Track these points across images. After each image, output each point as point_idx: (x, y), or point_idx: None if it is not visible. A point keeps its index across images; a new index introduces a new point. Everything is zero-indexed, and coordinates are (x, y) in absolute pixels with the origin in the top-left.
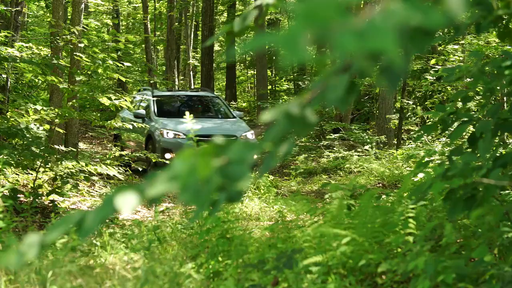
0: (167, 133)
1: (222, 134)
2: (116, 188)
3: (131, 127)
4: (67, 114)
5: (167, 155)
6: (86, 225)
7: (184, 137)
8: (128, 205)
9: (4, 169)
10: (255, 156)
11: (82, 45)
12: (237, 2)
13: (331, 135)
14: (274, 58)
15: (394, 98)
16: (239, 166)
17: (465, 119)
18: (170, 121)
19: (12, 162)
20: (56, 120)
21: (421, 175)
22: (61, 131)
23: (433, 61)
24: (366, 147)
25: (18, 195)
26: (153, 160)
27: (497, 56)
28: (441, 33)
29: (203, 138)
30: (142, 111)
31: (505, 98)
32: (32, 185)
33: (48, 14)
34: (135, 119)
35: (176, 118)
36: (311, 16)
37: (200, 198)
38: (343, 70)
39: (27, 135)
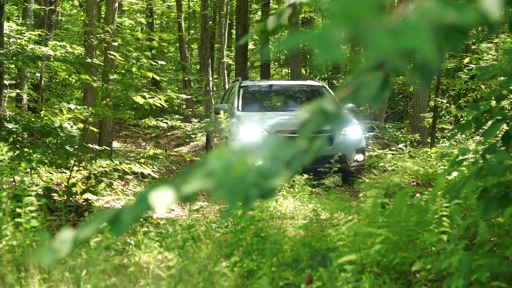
0: (245, 129)
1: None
2: (151, 185)
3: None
4: (101, 113)
5: None
6: (120, 222)
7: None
8: (163, 202)
9: (38, 168)
10: (291, 153)
11: (116, 43)
12: (271, 1)
13: (366, 134)
14: (308, 56)
15: (428, 96)
16: (274, 163)
17: (499, 117)
18: (254, 116)
19: (46, 161)
20: (90, 119)
21: (455, 173)
22: (95, 129)
23: (466, 60)
24: (400, 145)
25: (52, 194)
26: None
27: None
28: (474, 32)
29: (292, 135)
30: (223, 106)
31: None
32: (66, 184)
33: (81, 13)
34: (216, 115)
35: (267, 112)
36: (345, 14)
37: (235, 196)
38: (377, 68)
39: (61, 134)
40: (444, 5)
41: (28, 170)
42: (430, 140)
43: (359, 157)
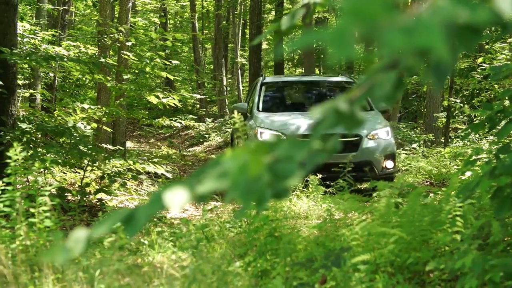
0: (262, 133)
1: (342, 133)
2: (165, 185)
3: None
4: (114, 113)
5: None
6: (134, 222)
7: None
8: (177, 201)
9: (52, 168)
10: (305, 153)
11: (129, 43)
12: (285, 1)
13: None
14: (322, 56)
15: (441, 96)
16: (287, 163)
17: None
18: (276, 117)
19: (60, 160)
20: (104, 119)
21: (468, 173)
22: (108, 129)
23: (480, 60)
24: (414, 145)
25: (66, 194)
26: None
27: None
28: (488, 32)
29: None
30: (242, 104)
31: None
32: (80, 184)
33: (95, 13)
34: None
35: (291, 112)
36: (358, 13)
37: (249, 196)
38: (391, 67)
39: (75, 134)
40: (457, 4)
41: (42, 170)
42: (443, 140)
43: (389, 164)
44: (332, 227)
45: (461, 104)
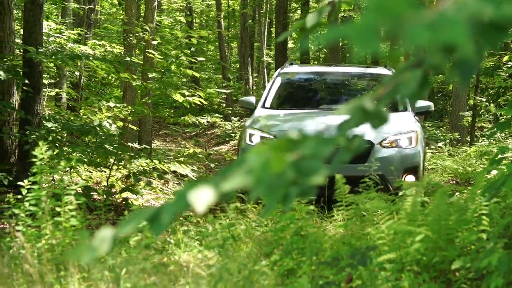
0: (251, 135)
1: None
2: (190, 183)
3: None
4: (140, 111)
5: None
6: (159, 221)
7: None
8: (202, 200)
9: (78, 167)
10: (330, 151)
11: (155, 42)
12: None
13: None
14: (348, 55)
15: (467, 95)
16: (312, 161)
17: None
18: (281, 115)
19: (85, 159)
20: (130, 118)
21: (494, 172)
22: (134, 128)
23: (506, 58)
24: (440, 144)
25: (92, 193)
26: None
27: None
28: None
29: None
30: (250, 99)
31: None
32: (106, 183)
33: (120, 12)
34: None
35: (310, 110)
36: (383, 9)
37: (274, 193)
38: (416, 65)
39: (100, 133)
40: (482, 0)
41: (68, 169)
42: (469, 139)
43: (410, 180)
44: (358, 225)
45: (487, 103)
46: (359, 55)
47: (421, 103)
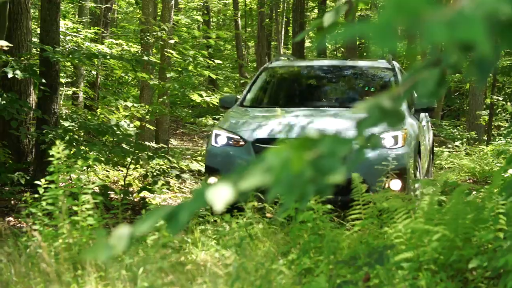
0: (217, 136)
1: None
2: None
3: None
4: (157, 111)
5: (211, 180)
6: (176, 220)
7: (243, 144)
8: (220, 198)
9: (95, 166)
10: (348, 149)
11: (172, 41)
12: None
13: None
14: (365, 54)
15: (484, 94)
16: (330, 159)
17: None
18: (260, 114)
19: (103, 159)
20: (147, 117)
21: (511, 171)
22: (151, 127)
23: None
24: (457, 143)
25: (109, 192)
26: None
27: None
28: None
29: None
30: (231, 97)
31: None
32: (123, 182)
33: (137, 11)
34: (223, 110)
35: (295, 108)
36: (401, 7)
37: (292, 192)
38: (434, 64)
39: (118, 132)
40: None
41: (85, 168)
42: (486, 138)
43: (395, 185)
44: (376, 224)
45: (504, 102)
46: (377, 54)
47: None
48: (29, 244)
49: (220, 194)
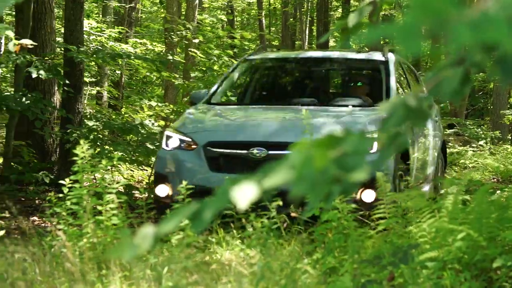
0: (168, 137)
1: (282, 142)
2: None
3: None
4: (182, 110)
5: (159, 189)
6: (200, 219)
7: (194, 148)
8: (244, 197)
9: (119, 166)
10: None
11: (196, 41)
12: None
13: (446, 131)
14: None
15: (508, 93)
16: (355, 157)
17: None
18: (228, 113)
19: (127, 158)
20: (171, 116)
21: None
22: None
23: None
24: (481, 142)
25: (133, 192)
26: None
27: None
28: None
29: (241, 151)
30: (203, 92)
31: None
32: (147, 181)
33: (162, 10)
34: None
35: (272, 106)
36: (426, 7)
37: (315, 190)
38: (458, 63)
39: (142, 131)
40: None
41: (109, 167)
42: (510, 137)
43: (367, 196)
44: (400, 223)
45: None
46: (402, 54)
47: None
48: (54, 243)
49: (244, 192)
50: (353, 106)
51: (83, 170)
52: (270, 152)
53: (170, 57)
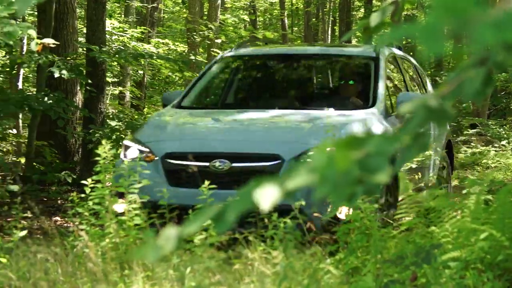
0: (127, 148)
1: (247, 153)
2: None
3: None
4: None
5: (116, 205)
6: (224, 219)
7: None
8: (267, 198)
9: None
10: (395, 149)
11: (219, 41)
12: None
13: (469, 131)
14: (411, 53)
15: None
16: (378, 159)
17: None
18: (196, 119)
19: None
20: None
21: None
22: None
23: None
24: (503, 142)
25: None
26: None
27: None
28: None
29: (202, 163)
30: (176, 94)
31: None
32: None
33: (184, 10)
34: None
35: (248, 109)
36: (449, 7)
37: (339, 191)
38: (480, 63)
39: None
40: None
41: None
42: None
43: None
44: (423, 223)
45: None
46: (424, 55)
47: (405, 97)
48: (76, 243)
49: (267, 193)
50: (338, 109)
51: (105, 170)
52: (234, 164)
53: (193, 57)
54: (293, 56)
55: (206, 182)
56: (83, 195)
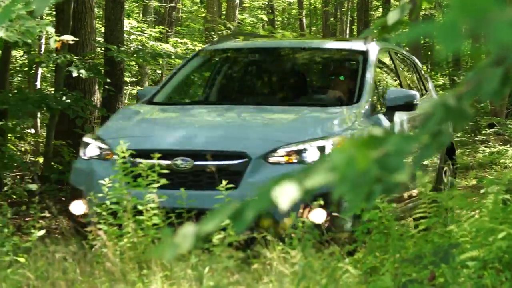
0: (86, 146)
1: (211, 150)
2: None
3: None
4: None
5: (74, 205)
6: (242, 218)
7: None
8: (285, 197)
9: None
10: (414, 147)
11: None
12: None
13: (486, 130)
14: (429, 53)
15: None
16: (397, 158)
17: None
18: (166, 115)
19: None
20: None
21: None
22: None
23: None
24: None
25: None
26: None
27: None
28: None
29: (163, 162)
30: (150, 90)
31: None
32: None
33: (202, 10)
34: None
35: (229, 105)
36: (467, 6)
37: (358, 190)
38: (498, 63)
39: None
40: None
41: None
42: None
43: (317, 216)
44: (441, 223)
45: None
46: (442, 54)
47: (394, 93)
48: (94, 243)
49: (285, 192)
50: (319, 105)
51: (123, 170)
52: (197, 163)
53: None
54: (276, 50)
55: (163, 181)
56: (100, 195)
